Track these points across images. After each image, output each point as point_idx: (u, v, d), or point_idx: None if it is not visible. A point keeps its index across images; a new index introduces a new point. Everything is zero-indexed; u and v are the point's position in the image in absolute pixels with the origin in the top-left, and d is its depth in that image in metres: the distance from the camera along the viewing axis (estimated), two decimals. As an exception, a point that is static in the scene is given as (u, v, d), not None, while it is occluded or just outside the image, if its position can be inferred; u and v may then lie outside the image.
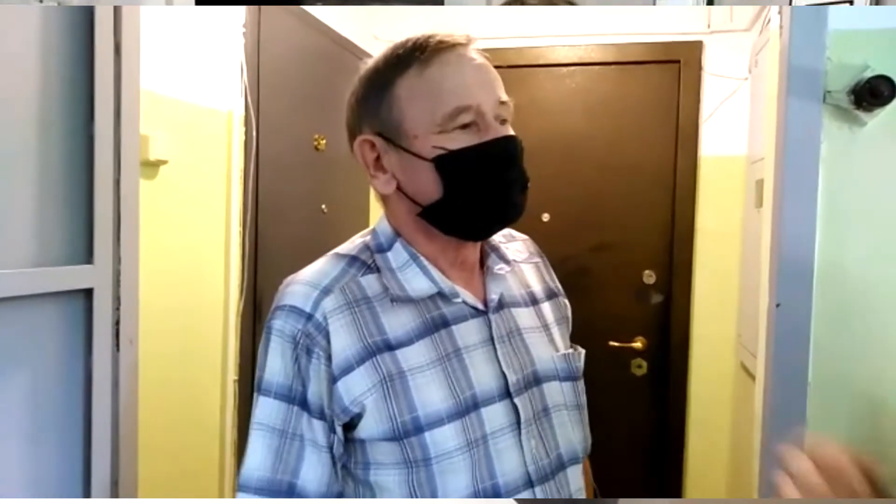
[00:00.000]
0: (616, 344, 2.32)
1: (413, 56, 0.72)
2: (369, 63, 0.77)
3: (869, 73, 1.08)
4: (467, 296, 0.76)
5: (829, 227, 1.12)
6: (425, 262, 0.75)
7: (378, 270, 0.75)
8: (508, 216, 0.76)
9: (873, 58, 1.09)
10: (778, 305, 1.14)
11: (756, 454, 1.34)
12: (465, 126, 0.70)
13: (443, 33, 0.73)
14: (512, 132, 0.74)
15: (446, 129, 0.70)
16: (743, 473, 1.88)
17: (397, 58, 0.73)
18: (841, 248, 1.13)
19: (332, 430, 0.70)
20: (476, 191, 0.71)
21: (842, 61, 1.10)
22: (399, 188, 0.74)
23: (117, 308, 1.07)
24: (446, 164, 0.70)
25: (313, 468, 0.70)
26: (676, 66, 2.27)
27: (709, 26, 2.24)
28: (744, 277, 2.13)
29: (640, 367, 2.33)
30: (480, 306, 0.77)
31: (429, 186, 0.72)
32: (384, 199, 0.78)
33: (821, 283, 1.13)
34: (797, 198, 1.12)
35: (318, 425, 0.70)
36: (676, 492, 2.30)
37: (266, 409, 0.71)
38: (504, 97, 0.73)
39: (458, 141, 0.70)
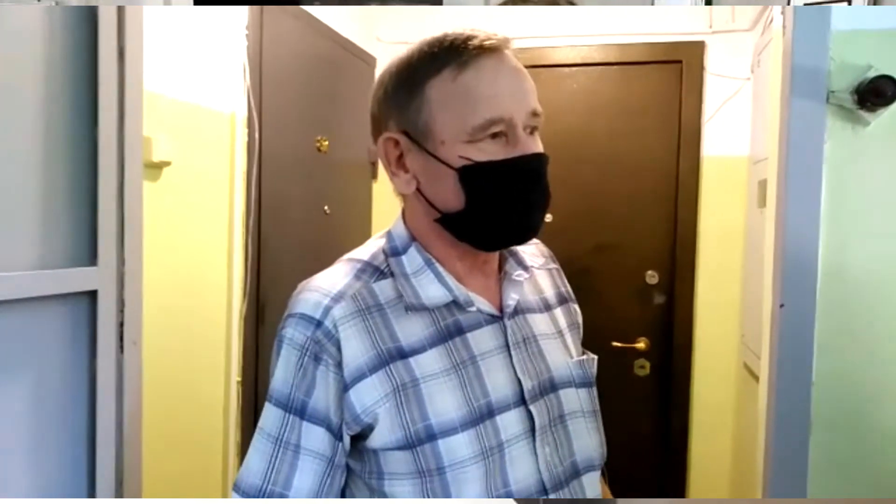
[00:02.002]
0: (619, 344, 2.32)
1: (449, 57, 0.70)
2: (402, 56, 0.74)
3: (872, 73, 1.08)
4: (482, 303, 0.75)
5: (833, 227, 1.12)
6: (440, 269, 0.74)
7: (392, 276, 0.74)
8: (526, 236, 0.75)
9: (876, 58, 1.09)
10: (782, 306, 1.14)
11: (760, 454, 1.34)
12: (494, 136, 0.69)
13: (482, 34, 0.70)
14: (540, 146, 0.72)
15: (475, 138, 0.69)
16: (746, 474, 1.88)
17: (432, 57, 0.71)
18: (845, 247, 1.13)
19: (338, 438, 0.70)
20: (498, 207, 0.70)
21: (845, 61, 1.10)
22: (419, 189, 0.73)
23: (121, 310, 1.07)
24: (471, 175, 0.69)
25: (307, 478, 0.69)
26: (678, 66, 2.27)
27: (711, 26, 2.23)
28: (746, 278, 2.13)
29: (642, 368, 2.33)
30: (496, 312, 0.76)
31: (451, 195, 0.71)
32: (403, 197, 0.78)
33: (825, 283, 1.13)
34: (801, 198, 1.12)
35: (320, 434, 0.69)
36: (679, 492, 2.30)
37: (266, 416, 0.71)
38: (537, 108, 0.71)
39: (486, 153, 0.69)
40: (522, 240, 0.77)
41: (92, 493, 1.04)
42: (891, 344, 1.12)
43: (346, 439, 0.70)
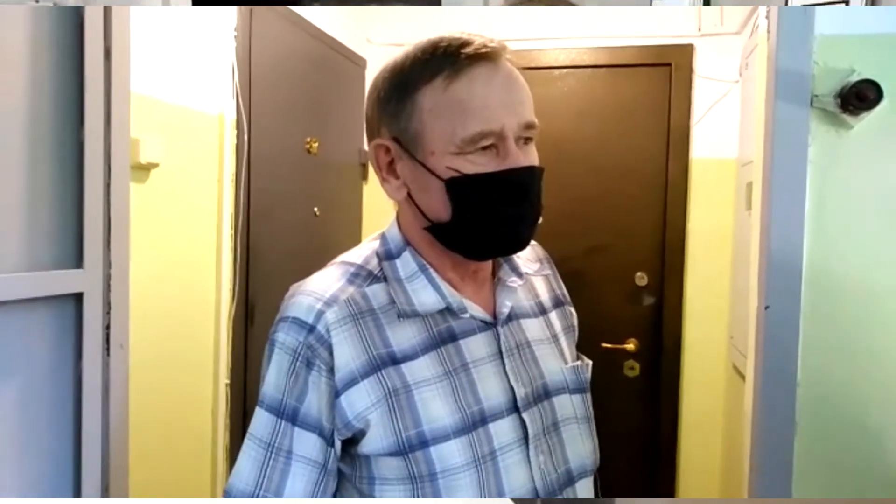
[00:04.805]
0: (608, 346, 2.32)
1: (441, 65, 0.68)
2: (396, 60, 0.72)
3: (855, 77, 1.10)
4: (475, 310, 0.75)
5: (818, 230, 1.13)
6: (434, 274, 0.74)
7: (385, 280, 0.73)
8: (515, 248, 0.75)
9: (859, 62, 1.10)
10: (767, 307, 1.15)
11: (747, 454, 1.35)
12: (484, 148, 0.68)
13: (477, 41, 0.68)
14: (534, 157, 0.71)
15: (464, 150, 0.68)
16: (735, 474, 1.89)
17: (424, 63, 0.69)
18: (829, 249, 1.14)
19: (330, 444, 0.70)
20: (485, 219, 0.69)
21: (828, 65, 1.11)
22: (410, 196, 0.73)
23: (108, 312, 1.07)
24: (459, 187, 0.68)
25: (298, 484, 0.69)
26: (668, 68, 2.28)
27: (699, 29, 2.25)
28: (735, 279, 2.14)
29: (632, 369, 2.34)
30: (489, 318, 0.75)
31: (438, 205, 0.70)
32: (396, 202, 0.77)
33: (809, 285, 1.14)
34: (785, 200, 1.13)
35: (312, 440, 0.69)
36: (669, 492, 2.31)
37: (257, 421, 0.71)
38: (531, 119, 0.70)
39: (475, 165, 0.68)
40: (511, 251, 0.76)
41: (78, 497, 1.03)
42: (875, 345, 1.14)
43: (338, 445, 0.70)
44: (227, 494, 0.71)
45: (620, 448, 2.32)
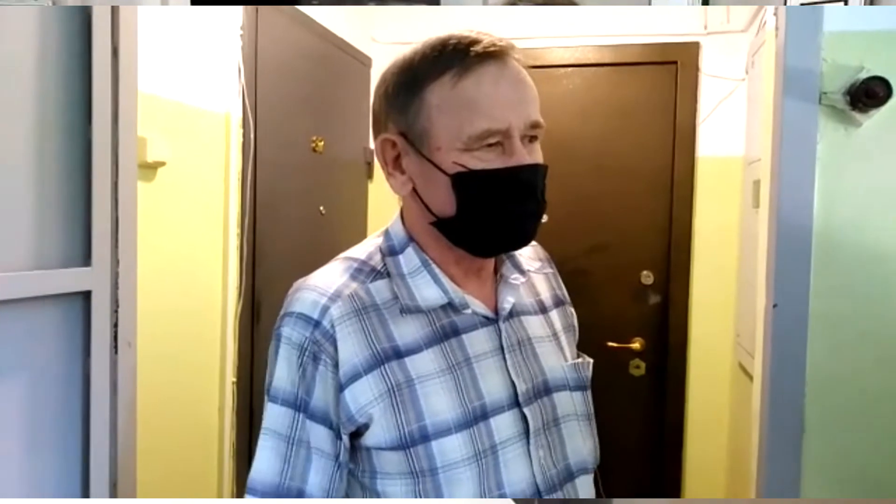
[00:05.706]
0: (614, 345, 2.32)
1: (450, 62, 0.69)
2: (405, 56, 0.73)
3: (864, 74, 1.09)
4: (477, 305, 0.75)
5: (826, 228, 1.13)
6: (437, 270, 0.74)
7: (388, 276, 0.74)
8: (519, 244, 0.76)
9: (868, 59, 1.10)
10: (775, 306, 1.14)
11: (754, 454, 1.35)
12: (490, 145, 0.69)
13: (486, 39, 0.69)
14: (538, 155, 0.72)
15: (471, 147, 0.69)
16: (742, 473, 1.88)
17: (433, 60, 0.70)
18: (837, 248, 1.13)
19: (338, 436, 0.70)
20: (489, 215, 0.70)
21: (837, 62, 1.10)
22: (415, 191, 0.73)
23: (115, 310, 1.07)
24: (464, 182, 0.69)
25: (319, 475, 0.70)
26: (673, 66, 2.27)
27: (705, 27, 2.24)
28: (741, 278, 2.14)
29: (638, 368, 2.34)
30: (491, 314, 0.76)
31: (444, 200, 0.71)
32: (401, 196, 0.78)
33: (817, 283, 1.13)
34: (793, 198, 1.12)
35: (323, 433, 0.70)
36: (675, 492, 2.31)
37: (273, 416, 0.71)
38: (538, 119, 0.71)
39: (481, 161, 0.69)
40: (515, 247, 0.77)
41: (86, 495, 1.04)
42: (884, 344, 1.13)
43: (345, 438, 0.71)
44: (250, 489, 0.70)
45: (626, 447, 2.32)
